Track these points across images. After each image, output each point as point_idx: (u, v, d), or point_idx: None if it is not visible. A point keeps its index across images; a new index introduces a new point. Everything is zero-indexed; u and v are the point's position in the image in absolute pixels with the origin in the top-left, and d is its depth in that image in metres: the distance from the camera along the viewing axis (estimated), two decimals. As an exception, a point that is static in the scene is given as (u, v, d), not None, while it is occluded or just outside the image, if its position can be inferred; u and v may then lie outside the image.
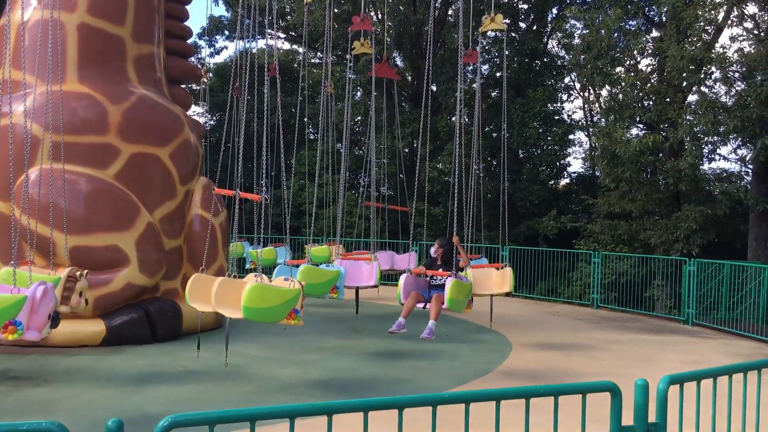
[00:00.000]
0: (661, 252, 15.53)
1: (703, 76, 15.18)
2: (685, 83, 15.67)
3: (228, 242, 10.77)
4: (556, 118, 21.81)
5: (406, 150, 24.38)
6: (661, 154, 16.40)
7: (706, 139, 15.24)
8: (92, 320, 8.75)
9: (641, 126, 17.47)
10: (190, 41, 11.85)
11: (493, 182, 19.89)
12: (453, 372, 8.23)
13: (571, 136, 23.00)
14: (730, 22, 15.66)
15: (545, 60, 22.53)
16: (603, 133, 16.02)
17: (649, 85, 16.53)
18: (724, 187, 15.32)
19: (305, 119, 19.57)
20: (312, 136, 24.90)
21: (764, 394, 4.23)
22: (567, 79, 23.12)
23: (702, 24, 15.21)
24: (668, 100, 15.93)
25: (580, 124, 24.45)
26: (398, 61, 25.27)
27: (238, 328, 10.37)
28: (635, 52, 17.00)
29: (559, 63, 22.55)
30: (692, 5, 15.00)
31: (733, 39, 15.23)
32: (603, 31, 16.08)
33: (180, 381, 7.32)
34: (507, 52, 20.22)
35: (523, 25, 22.90)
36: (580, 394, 3.12)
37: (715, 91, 15.34)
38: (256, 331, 10.48)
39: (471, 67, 20.77)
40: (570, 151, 23.44)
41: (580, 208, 20.70)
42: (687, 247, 15.02)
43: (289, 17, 26.51)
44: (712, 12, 15.35)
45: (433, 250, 9.82)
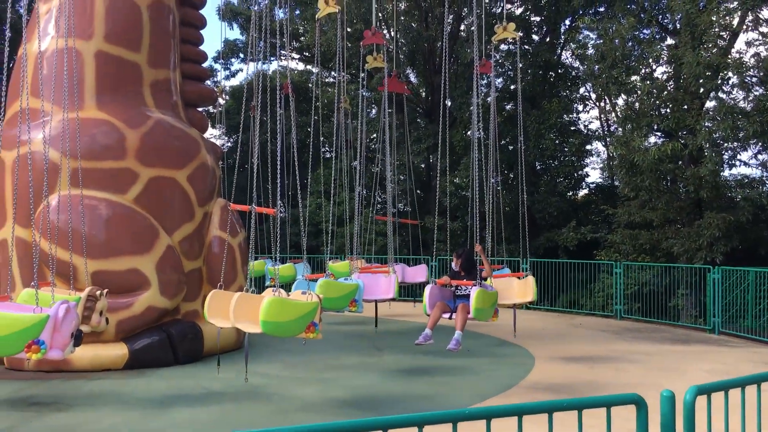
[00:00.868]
0: (684, 260, 15.33)
1: (720, 81, 15.05)
2: (702, 90, 15.54)
3: (247, 262, 10.80)
4: (573, 128, 21.70)
5: (423, 165, 24.38)
6: (681, 162, 16.24)
7: (726, 145, 15.08)
8: (114, 344, 8.79)
9: (659, 134, 17.33)
10: (205, 65, 11.97)
11: (511, 195, 19.80)
12: (475, 387, 8.16)
13: (589, 147, 22.83)
14: (745, 27, 15.55)
15: (559, 71, 22.47)
16: (620, 142, 15.90)
17: (666, 92, 16.41)
18: (746, 193, 15.12)
19: (320, 138, 19.66)
20: (328, 155, 25.00)
21: (795, 403, 4.13)
22: (582, 90, 23.03)
23: (717, 30, 15.10)
24: (686, 107, 15.80)
25: (597, 134, 24.29)
26: (412, 77, 25.35)
27: (257, 347, 10.37)
28: (650, 60, 16.90)
29: (574, 74, 22.48)
30: (706, 11, 14.91)
31: (749, 44, 15.07)
32: (617, 41, 16.02)
33: (202, 403, 7.31)
34: (521, 65, 20.21)
35: (536, 38, 22.89)
36: (605, 407, 3.07)
37: (733, 96, 15.20)
38: (276, 350, 10.47)
39: (485, 81, 20.82)
40: (588, 161, 23.27)
41: (600, 219, 20.53)
42: (710, 254, 14.82)
43: (302, 38, 26.73)
44: (727, 17, 15.25)
45: (455, 263, 9.77)
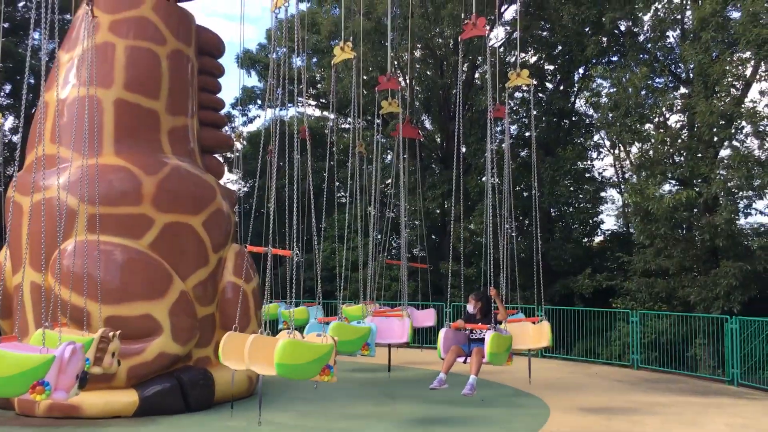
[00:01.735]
0: (701, 310, 15.13)
1: (734, 131, 15.07)
2: (716, 138, 15.55)
3: (260, 308, 10.81)
4: (587, 175, 21.71)
5: (438, 211, 24.41)
6: (696, 210, 16.16)
7: (741, 193, 15.01)
8: (125, 391, 8.76)
9: (673, 182, 17.30)
10: (222, 112, 12.18)
11: (526, 241, 19.74)
12: (489, 439, 8.02)
13: (603, 194, 22.81)
14: (758, 77, 15.61)
15: (573, 119, 22.60)
16: (635, 189, 15.87)
17: (680, 141, 16.43)
18: (762, 242, 14.97)
19: (336, 183, 19.81)
20: (343, 200, 25.14)
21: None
22: (596, 137, 23.11)
23: (730, 79, 15.18)
24: (700, 155, 15.79)
25: (612, 181, 24.27)
26: (427, 123, 25.60)
27: (269, 396, 10.29)
28: (663, 109, 16.97)
29: (588, 121, 22.60)
30: (719, 61, 15.02)
31: (762, 93, 15.11)
32: (630, 89, 16.13)
33: (211, 452, 7.23)
34: (535, 112, 20.37)
35: (550, 86, 23.10)
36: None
37: (747, 145, 15.19)
38: (288, 398, 10.38)
39: (500, 127, 20.97)
40: (602, 208, 23.21)
41: (616, 266, 20.35)
42: (728, 304, 14.61)
43: (319, 85, 27.15)
44: (740, 67, 15.34)
45: (470, 306, 9.66)
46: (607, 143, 24.09)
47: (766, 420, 9.49)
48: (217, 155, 11.73)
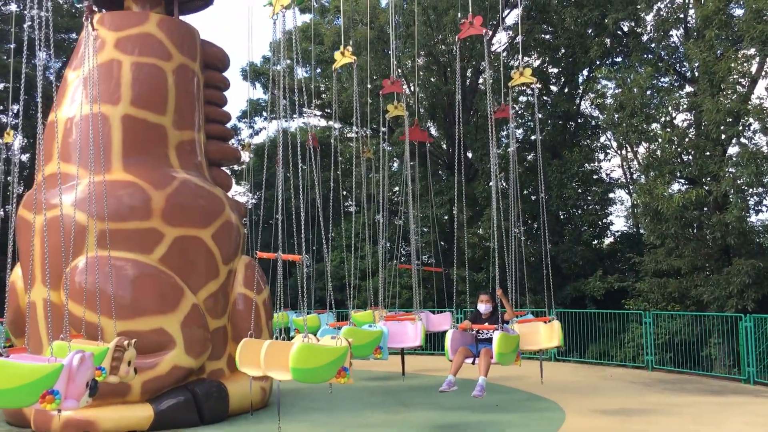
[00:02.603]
0: (715, 309, 15.04)
1: (741, 128, 15.00)
2: (723, 136, 15.49)
3: (271, 318, 10.83)
4: (595, 177, 21.67)
5: (446, 217, 24.40)
6: (706, 209, 16.09)
7: (751, 190, 14.93)
8: (140, 405, 8.77)
9: (682, 181, 17.23)
10: (229, 124, 12.23)
11: (535, 245, 19.69)
12: (505, 444, 7.98)
13: (612, 195, 22.77)
14: (764, 73, 15.56)
15: (579, 121, 22.58)
16: (644, 190, 15.81)
17: (687, 139, 16.37)
18: (774, 239, 14.88)
19: (343, 192, 19.85)
20: (351, 209, 25.15)
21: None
22: (603, 138, 23.07)
23: (735, 77, 15.13)
24: (708, 153, 15.73)
25: (620, 182, 24.23)
26: (432, 130, 25.61)
27: (284, 405, 10.28)
28: (670, 108, 16.94)
29: (594, 123, 22.58)
30: (724, 59, 14.97)
31: (769, 89, 15.08)
32: (635, 90, 16.11)
33: (227, 464, 7.23)
34: (540, 116, 20.35)
35: (554, 88, 23.09)
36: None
37: (756, 142, 15.12)
38: (302, 408, 10.37)
39: (505, 132, 20.97)
40: (611, 209, 23.15)
41: (627, 267, 20.28)
42: (741, 302, 14.52)
43: (323, 95, 27.23)
44: (745, 64, 15.29)
45: (482, 306, 9.59)
46: (614, 144, 24.07)
47: (784, 418, 9.42)
48: (224, 168, 11.77)
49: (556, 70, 23.08)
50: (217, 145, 11.21)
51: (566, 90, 22.75)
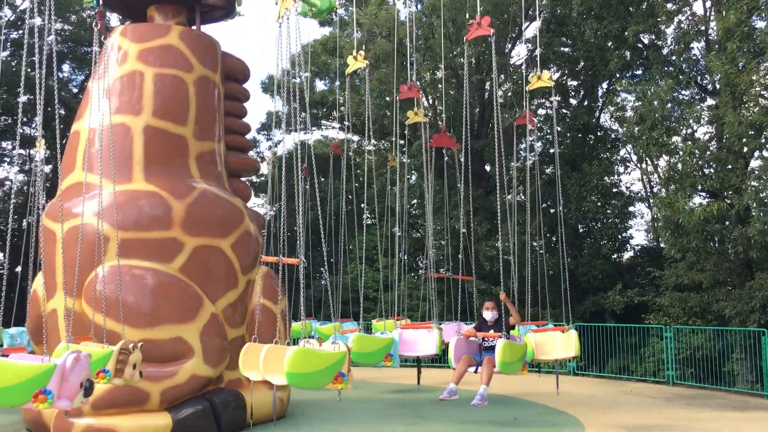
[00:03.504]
0: (737, 323, 14.84)
1: (764, 140, 14.85)
2: (745, 149, 15.35)
3: (288, 329, 10.83)
4: (615, 190, 21.54)
5: (464, 230, 24.33)
6: (728, 222, 15.91)
7: (774, 204, 14.75)
8: (159, 413, 8.79)
9: (704, 194, 17.08)
10: (248, 136, 12.31)
11: (554, 258, 19.58)
12: (524, 458, 7.90)
13: (632, 208, 22.59)
14: (787, 86, 15.40)
15: (599, 134, 22.47)
16: (664, 203, 15.69)
17: (709, 152, 16.24)
18: (798, 253, 14.67)
19: (362, 204, 19.87)
20: (370, 221, 25.17)
21: None
22: (622, 152, 22.93)
23: (758, 89, 15.00)
24: (729, 166, 15.58)
25: (640, 195, 24.05)
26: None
27: (301, 416, 10.27)
28: (691, 121, 16.82)
29: (613, 136, 22.46)
30: (746, 71, 14.85)
31: (792, 101, 14.91)
32: (656, 102, 16.01)
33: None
34: (559, 128, 20.29)
35: (573, 101, 23.04)
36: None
37: (778, 154, 14.97)
38: (320, 419, 10.34)
39: (523, 144, 20.91)
40: (631, 223, 22.98)
41: (647, 281, 20.09)
42: (764, 317, 14.32)
43: (342, 108, 27.34)
44: (767, 77, 15.16)
45: (488, 313, 9.49)
46: (634, 157, 23.92)
47: (809, 435, 9.25)
48: (243, 179, 11.83)
49: (575, 83, 23.03)
50: (237, 156, 11.28)
51: (585, 103, 22.68)
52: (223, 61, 11.07)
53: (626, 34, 18.16)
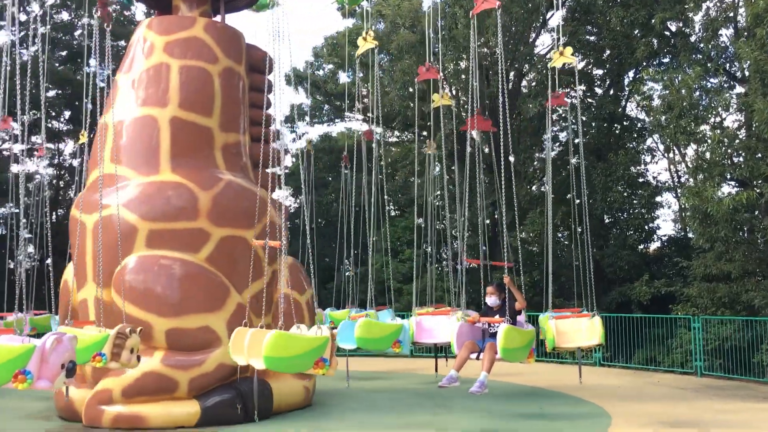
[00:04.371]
0: (767, 314, 14.62)
1: (795, 128, 14.57)
2: (775, 137, 15.06)
3: (313, 319, 10.89)
4: (641, 180, 21.28)
5: (488, 221, 24.24)
6: (757, 212, 15.66)
7: (804, 193, 14.50)
8: (187, 401, 8.92)
9: (733, 183, 16.81)
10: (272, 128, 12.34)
11: (579, 249, 19.41)
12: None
13: (659, 198, 22.30)
14: (819, 72, 15.08)
15: (625, 123, 22.20)
16: (692, 192, 15.47)
17: (738, 141, 15.98)
18: (829, 242, 14.43)
19: (385, 197, 19.88)
20: (393, 213, 25.17)
21: None
22: (649, 141, 22.63)
23: (789, 76, 14.71)
24: (759, 155, 15.31)
25: (667, 185, 23.72)
26: (474, 134, 25.47)
27: (325, 406, 10.33)
28: (719, 109, 16.55)
29: (640, 125, 22.18)
30: (776, 57, 14.57)
31: (824, 88, 14.58)
32: (683, 91, 15.78)
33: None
34: (584, 118, 20.08)
35: (599, 90, 22.77)
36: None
37: (809, 142, 14.67)
38: (344, 408, 10.40)
39: (547, 136, 20.74)
40: (658, 213, 22.67)
41: (674, 272, 19.84)
42: (795, 307, 14.11)
43: (365, 99, 27.32)
44: (798, 62, 14.85)
45: (491, 299, 9.37)
46: (661, 147, 23.59)
47: (841, 426, 9.10)
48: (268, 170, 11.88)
49: (600, 72, 22.76)
50: (261, 147, 11.31)
51: (611, 92, 22.41)
52: (247, 53, 11.12)
53: (653, 21, 17.89)
